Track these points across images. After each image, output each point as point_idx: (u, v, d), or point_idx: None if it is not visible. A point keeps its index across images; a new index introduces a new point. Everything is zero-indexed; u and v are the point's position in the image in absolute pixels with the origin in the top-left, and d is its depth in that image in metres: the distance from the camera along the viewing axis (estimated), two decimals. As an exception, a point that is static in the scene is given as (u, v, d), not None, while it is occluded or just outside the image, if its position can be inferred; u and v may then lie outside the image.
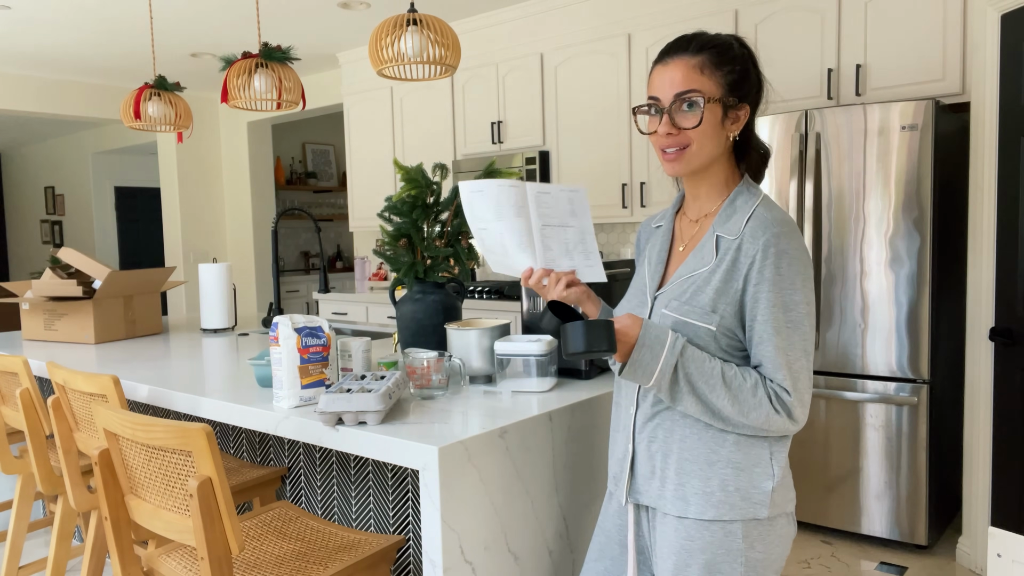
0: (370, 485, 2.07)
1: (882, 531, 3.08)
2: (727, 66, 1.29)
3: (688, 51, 1.29)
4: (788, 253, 1.24)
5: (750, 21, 3.64)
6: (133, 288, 3.05)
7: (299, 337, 1.71)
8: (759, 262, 1.25)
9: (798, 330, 1.24)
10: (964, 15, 3.08)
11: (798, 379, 1.24)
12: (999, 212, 2.72)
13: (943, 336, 3.08)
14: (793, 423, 1.25)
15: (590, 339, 1.22)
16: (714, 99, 1.28)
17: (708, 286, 1.29)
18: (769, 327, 1.24)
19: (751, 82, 1.32)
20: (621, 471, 1.41)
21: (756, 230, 1.27)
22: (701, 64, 1.28)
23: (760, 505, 1.28)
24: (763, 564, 1.29)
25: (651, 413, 1.35)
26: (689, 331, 1.29)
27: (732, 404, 1.23)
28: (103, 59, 5.61)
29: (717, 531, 1.28)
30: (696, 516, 1.29)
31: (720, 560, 1.28)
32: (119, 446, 1.56)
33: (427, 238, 2.19)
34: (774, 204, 1.32)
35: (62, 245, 9.84)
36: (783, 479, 1.30)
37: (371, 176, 5.53)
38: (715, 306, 1.27)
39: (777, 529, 1.31)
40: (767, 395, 1.24)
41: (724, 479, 1.28)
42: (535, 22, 4.48)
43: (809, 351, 1.26)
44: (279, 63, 2.96)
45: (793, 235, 1.26)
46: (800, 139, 3.17)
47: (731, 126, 1.32)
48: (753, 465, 1.28)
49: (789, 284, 1.24)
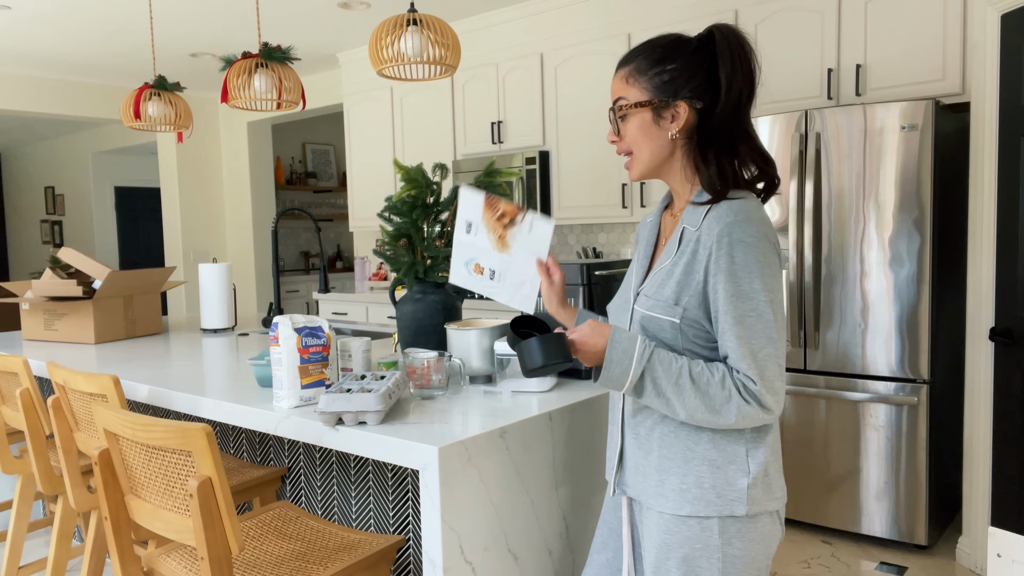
0: (370, 485, 2.07)
1: (882, 531, 3.08)
2: (655, 68, 1.31)
3: (624, 62, 1.36)
4: (743, 241, 1.23)
5: (750, 21, 3.64)
6: (133, 288, 3.05)
7: (299, 337, 1.71)
8: (715, 252, 1.25)
9: (760, 318, 1.23)
10: (964, 15, 3.08)
11: (764, 367, 1.23)
12: (999, 212, 2.72)
13: (943, 336, 3.08)
14: (766, 411, 1.24)
15: (546, 354, 1.26)
16: (639, 103, 1.32)
17: (671, 279, 1.30)
18: (729, 317, 1.23)
19: (694, 78, 1.30)
20: (612, 461, 1.45)
21: (712, 221, 1.27)
22: (627, 73, 1.34)
23: (736, 502, 1.28)
24: (742, 561, 1.29)
25: (635, 409, 1.38)
26: (655, 325, 1.30)
27: (703, 402, 1.23)
28: (103, 59, 5.61)
29: (694, 526, 1.29)
30: (673, 512, 1.30)
31: (697, 555, 1.29)
32: (119, 446, 1.56)
33: (427, 238, 2.19)
34: (738, 194, 1.30)
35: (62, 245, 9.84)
36: (761, 477, 1.30)
37: (371, 176, 5.53)
38: (678, 299, 1.28)
39: (759, 527, 1.30)
40: (735, 386, 1.23)
41: (700, 476, 1.29)
42: (535, 22, 4.48)
43: (774, 338, 1.24)
44: (279, 63, 2.96)
45: (750, 222, 1.25)
46: (800, 139, 3.17)
47: (669, 124, 1.32)
48: (728, 462, 1.29)
49: (746, 272, 1.23)
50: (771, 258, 1.25)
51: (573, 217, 4.37)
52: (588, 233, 4.70)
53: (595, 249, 4.63)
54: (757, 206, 1.29)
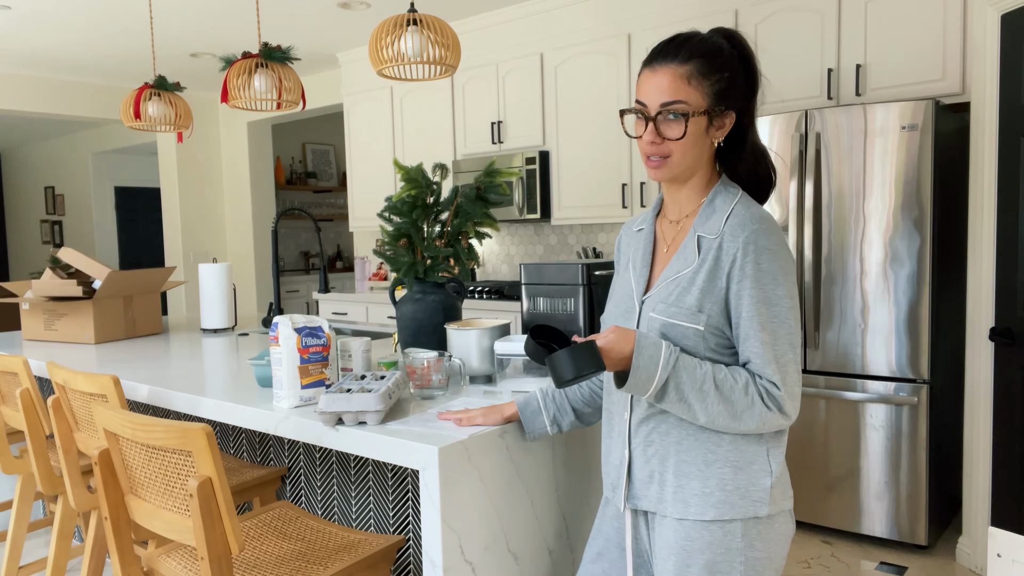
0: (370, 485, 2.07)
1: (882, 531, 3.08)
2: (716, 75, 1.29)
3: (678, 58, 1.28)
4: (768, 249, 1.25)
5: (750, 21, 3.64)
6: (133, 288, 3.05)
7: (299, 337, 1.71)
8: (740, 259, 1.26)
9: (783, 324, 1.25)
10: (964, 15, 3.08)
11: (786, 373, 1.25)
12: (999, 212, 2.72)
13: (943, 336, 3.08)
14: (785, 417, 1.26)
15: (578, 364, 1.23)
16: (699, 111, 1.28)
17: (693, 287, 1.29)
18: (754, 323, 1.25)
19: (739, 87, 1.32)
20: (619, 477, 1.41)
21: (735, 228, 1.28)
22: (689, 74, 1.28)
23: (760, 503, 1.29)
24: (763, 563, 1.30)
25: (645, 416, 1.36)
26: (677, 333, 1.30)
27: (725, 407, 1.24)
28: (103, 59, 5.61)
29: (716, 531, 1.29)
30: (696, 517, 1.29)
31: (720, 559, 1.29)
32: (119, 446, 1.56)
33: (427, 238, 2.19)
34: (752, 202, 1.33)
35: (62, 245, 9.84)
36: (781, 476, 1.32)
37: (371, 176, 5.53)
38: (701, 306, 1.28)
39: (776, 527, 1.31)
40: (758, 392, 1.25)
41: (723, 478, 1.29)
42: (535, 22, 4.48)
43: (795, 344, 1.27)
44: (279, 63, 2.96)
45: (772, 231, 1.27)
46: (800, 139, 3.17)
47: (715, 132, 1.33)
48: (750, 463, 1.29)
49: (771, 279, 1.25)
50: (791, 266, 1.28)
51: (573, 217, 4.37)
52: (588, 233, 4.70)
53: (595, 249, 4.62)
54: (771, 215, 1.31)
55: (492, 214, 3.02)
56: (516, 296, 4.43)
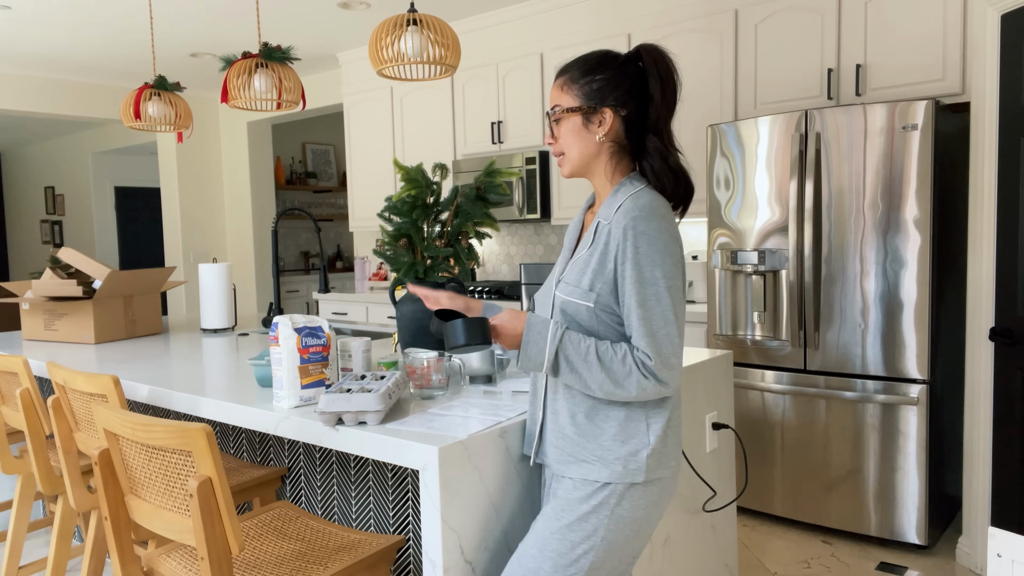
0: (370, 485, 2.07)
1: (882, 531, 3.08)
2: (586, 77, 1.48)
3: (561, 74, 1.52)
4: (646, 234, 1.40)
5: (750, 21, 3.64)
6: (133, 288, 3.05)
7: (299, 337, 1.71)
8: (622, 243, 1.42)
9: (660, 302, 1.40)
10: (964, 15, 3.08)
11: (661, 345, 1.39)
12: (999, 212, 2.72)
13: (943, 336, 3.08)
14: (662, 385, 1.40)
15: (469, 334, 1.42)
16: (571, 108, 1.49)
17: (588, 268, 1.47)
18: (633, 300, 1.40)
19: (621, 89, 1.47)
20: (532, 434, 1.58)
21: (620, 216, 1.44)
22: (562, 82, 1.51)
23: (636, 471, 1.45)
24: (626, 521, 1.46)
25: (553, 389, 1.53)
26: (572, 309, 1.47)
27: (608, 376, 1.40)
28: (103, 59, 5.61)
29: (594, 490, 1.45)
30: (582, 476, 1.46)
31: (590, 512, 1.45)
32: (119, 446, 1.56)
33: (427, 238, 2.19)
34: (649, 194, 1.46)
35: (62, 245, 9.84)
36: (659, 448, 1.47)
37: (371, 176, 5.54)
38: (592, 285, 1.45)
39: (649, 494, 1.47)
40: (635, 362, 1.40)
41: (605, 448, 1.45)
42: (535, 22, 4.48)
43: (671, 320, 1.40)
44: (279, 63, 2.96)
45: (652, 217, 1.41)
46: (800, 139, 3.17)
47: (596, 129, 1.49)
48: (631, 436, 1.46)
49: (648, 261, 1.40)
50: (672, 248, 1.42)
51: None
52: (588, 233, 4.69)
53: (595, 249, 4.62)
54: (663, 203, 1.45)
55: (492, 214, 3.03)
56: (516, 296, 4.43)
